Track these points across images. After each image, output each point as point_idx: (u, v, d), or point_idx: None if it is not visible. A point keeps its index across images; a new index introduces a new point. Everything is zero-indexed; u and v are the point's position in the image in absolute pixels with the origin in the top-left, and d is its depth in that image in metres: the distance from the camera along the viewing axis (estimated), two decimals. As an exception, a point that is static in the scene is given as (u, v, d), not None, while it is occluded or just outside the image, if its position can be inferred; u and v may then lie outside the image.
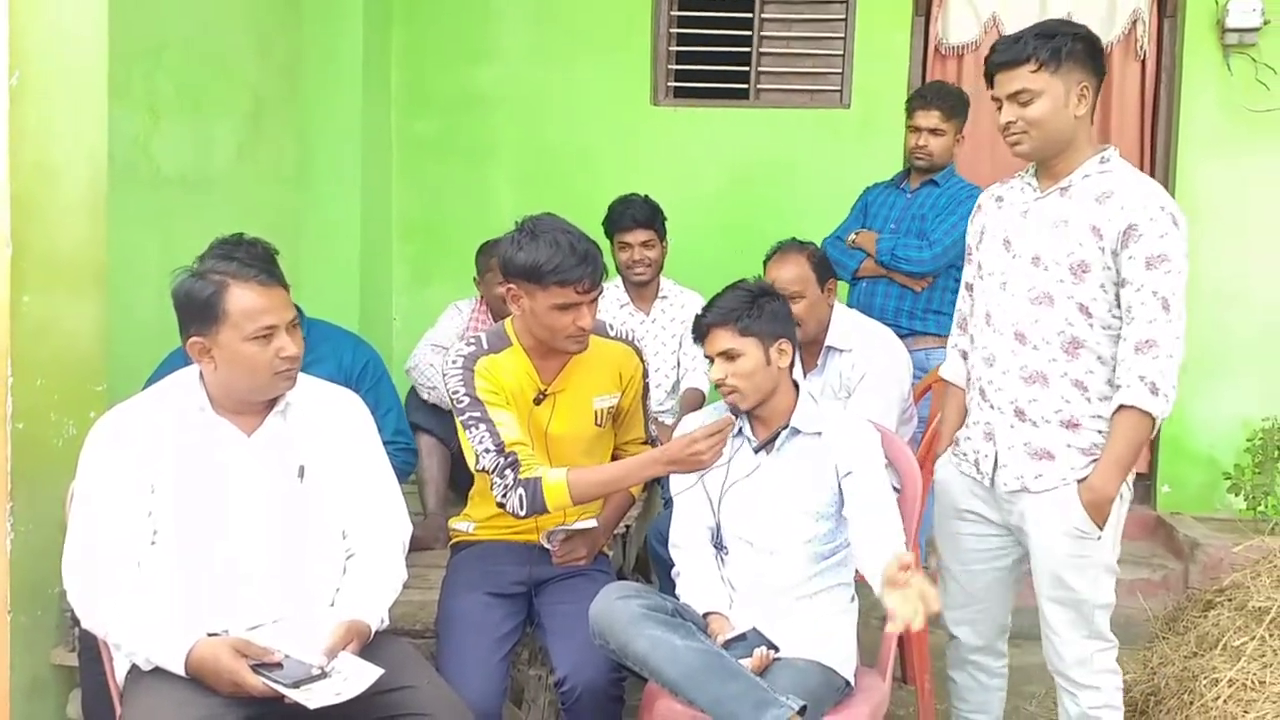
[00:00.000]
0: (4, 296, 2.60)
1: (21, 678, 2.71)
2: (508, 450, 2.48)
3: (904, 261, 3.82)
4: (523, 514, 2.48)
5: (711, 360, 2.54)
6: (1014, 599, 2.76)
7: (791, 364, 2.57)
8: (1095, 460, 2.44)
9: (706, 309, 2.57)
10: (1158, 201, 2.39)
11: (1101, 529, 2.43)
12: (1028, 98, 2.41)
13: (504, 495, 2.48)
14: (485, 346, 2.61)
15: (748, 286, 2.59)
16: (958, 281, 3.94)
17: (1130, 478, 2.49)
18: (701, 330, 2.55)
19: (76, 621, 2.38)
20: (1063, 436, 2.46)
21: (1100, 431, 2.45)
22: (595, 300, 2.52)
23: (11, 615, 2.67)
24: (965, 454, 2.64)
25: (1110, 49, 4.74)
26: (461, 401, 2.54)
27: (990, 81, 2.49)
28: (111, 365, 2.94)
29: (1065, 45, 2.40)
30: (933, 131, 3.89)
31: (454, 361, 2.58)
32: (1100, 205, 2.41)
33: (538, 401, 2.60)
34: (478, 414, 2.52)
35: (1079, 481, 2.44)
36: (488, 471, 2.50)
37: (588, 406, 2.65)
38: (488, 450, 2.49)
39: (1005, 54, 2.44)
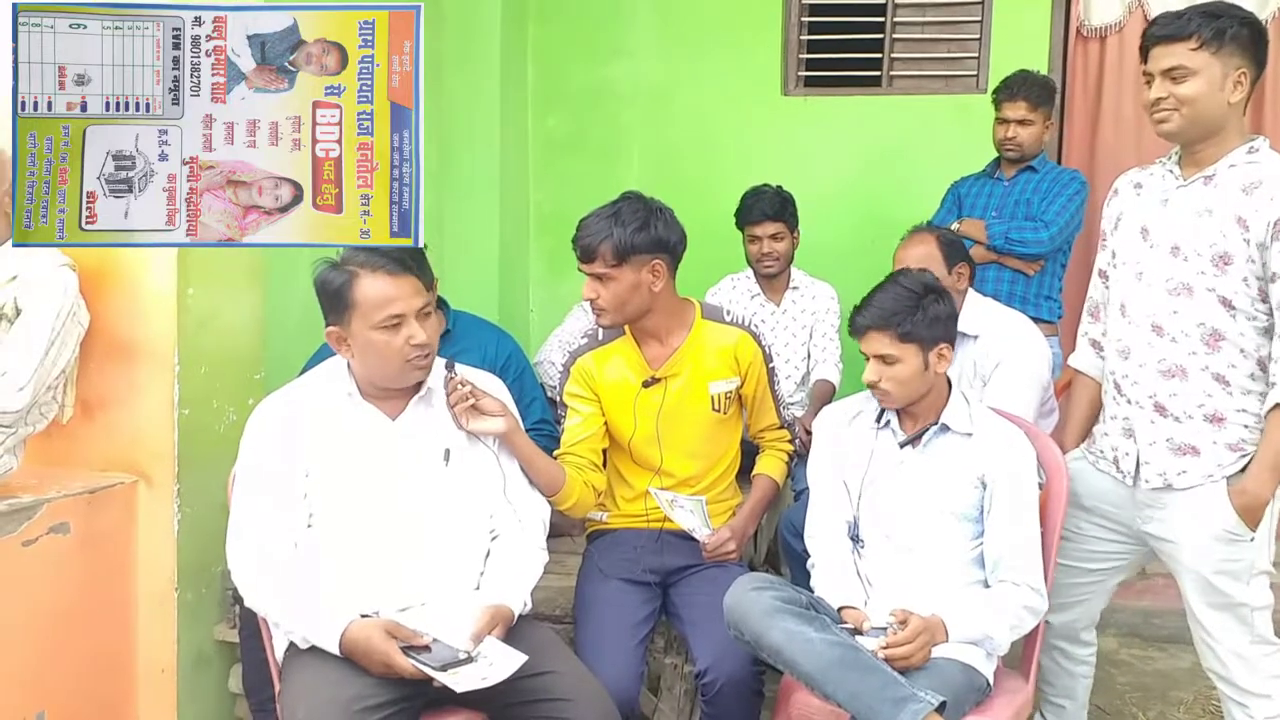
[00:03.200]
0: (171, 289, 2.76)
1: (187, 651, 2.87)
2: (563, 455, 2.65)
3: (1019, 244, 3.74)
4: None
5: (867, 358, 2.45)
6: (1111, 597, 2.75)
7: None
8: (1244, 456, 2.35)
9: (864, 306, 2.44)
10: None
11: (1254, 531, 2.34)
12: (1182, 74, 2.33)
13: None
14: (599, 340, 2.71)
15: (910, 285, 2.43)
16: (1064, 267, 3.85)
17: None
18: (858, 329, 2.44)
19: (238, 599, 2.47)
20: (1208, 432, 2.37)
21: (1247, 426, 2.35)
22: (595, 276, 2.54)
23: (178, 592, 2.83)
24: (1103, 451, 2.57)
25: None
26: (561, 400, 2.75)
27: (1145, 56, 2.41)
28: (268, 354, 3.08)
29: (1230, 27, 2.32)
30: (1020, 122, 3.83)
31: (565, 360, 2.74)
32: (1248, 196, 2.31)
33: (647, 385, 2.65)
34: (563, 413, 2.72)
35: (1227, 479, 2.35)
36: None
37: (703, 392, 2.66)
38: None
39: (1166, 28, 2.36)
